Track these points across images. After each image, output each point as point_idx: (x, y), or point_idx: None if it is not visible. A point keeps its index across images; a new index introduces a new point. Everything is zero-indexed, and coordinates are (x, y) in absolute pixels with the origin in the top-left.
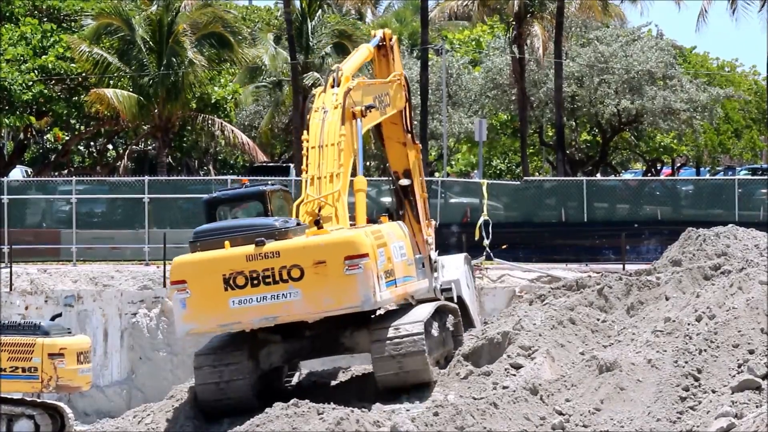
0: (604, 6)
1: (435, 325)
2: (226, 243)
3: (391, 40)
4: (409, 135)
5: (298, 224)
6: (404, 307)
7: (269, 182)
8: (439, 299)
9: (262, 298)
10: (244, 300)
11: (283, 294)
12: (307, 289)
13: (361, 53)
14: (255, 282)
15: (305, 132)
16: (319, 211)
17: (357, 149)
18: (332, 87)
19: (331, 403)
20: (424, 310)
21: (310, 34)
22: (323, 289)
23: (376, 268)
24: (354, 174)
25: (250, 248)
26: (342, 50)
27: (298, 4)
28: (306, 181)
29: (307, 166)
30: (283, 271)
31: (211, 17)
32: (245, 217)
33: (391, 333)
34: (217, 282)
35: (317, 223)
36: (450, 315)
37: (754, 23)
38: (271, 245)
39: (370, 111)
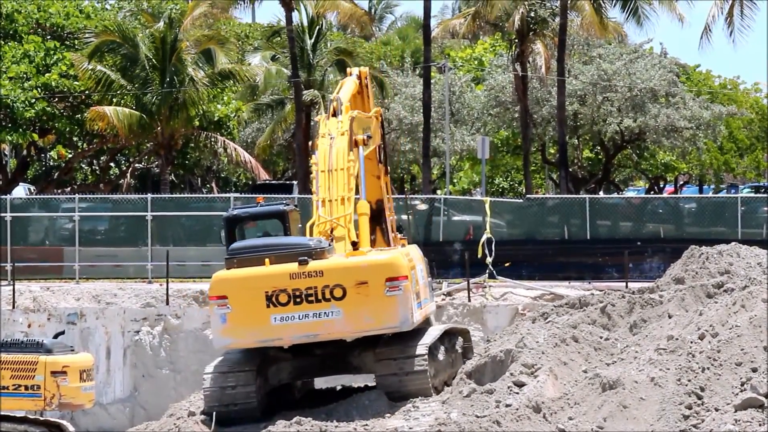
0: (601, 21)
1: (442, 348)
2: (266, 260)
3: (366, 78)
4: (383, 167)
5: (329, 244)
6: (418, 329)
7: (285, 201)
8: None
9: (304, 316)
10: (286, 317)
11: (325, 312)
12: (348, 309)
13: (351, 84)
14: (297, 300)
15: (313, 156)
16: (332, 231)
17: (360, 175)
18: (333, 115)
19: (334, 420)
20: (432, 334)
21: (311, 51)
22: (364, 309)
23: (413, 289)
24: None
25: (293, 266)
26: (343, 68)
27: (296, 19)
28: (317, 203)
29: (317, 189)
30: (326, 290)
31: (210, 36)
32: (257, 235)
33: (396, 354)
34: (259, 298)
35: (354, 245)
36: (459, 337)
37: (756, 41)
38: (314, 264)
39: (368, 140)
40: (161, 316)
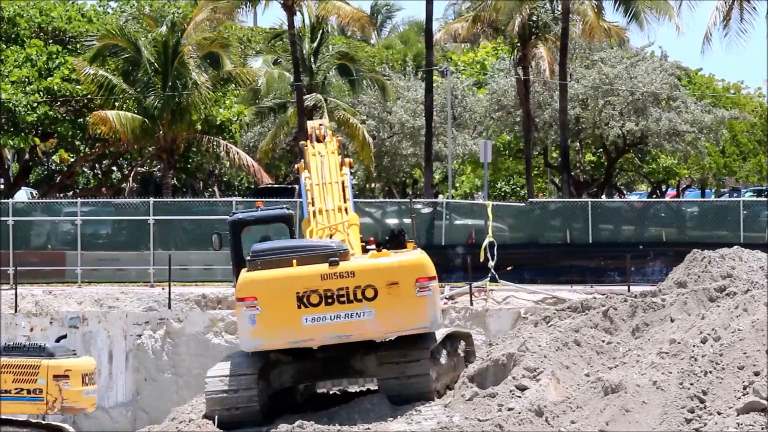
0: (602, 25)
1: (444, 352)
2: (294, 262)
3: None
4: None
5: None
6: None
7: (285, 206)
8: None
9: (335, 317)
10: (317, 318)
11: (356, 313)
12: (380, 309)
13: (324, 121)
14: (329, 300)
15: (305, 171)
16: (330, 237)
17: (349, 192)
18: (318, 141)
19: (336, 424)
20: (434, 337)
21: (312, 55)
22: (395, 310)
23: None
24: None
25: (324, 267)
26: (345, 72)
27: (298, 23)
28: (313, 213)
29: (312, 200)
30: (357, 290)
31: (212, 39)
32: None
33: (398, 357)
34: (290, 299)
35: (378, 246)
36: (462, 341)
37: (759, 45)
38: (345, 265)
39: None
40: (163, 320)
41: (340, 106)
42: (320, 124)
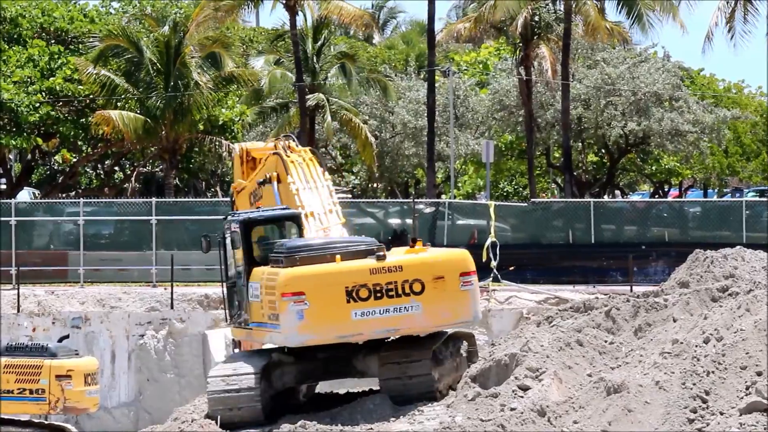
0: (600, 24)
1: (446, 352)
2: (337, 257)
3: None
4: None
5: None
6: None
7: (284, 206)
8: None
9: (384, 311)
10: (366, 312)
11: (405, 307)
12: (427, 303)
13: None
14: (378, 295)
15: (288, 176)
16: None
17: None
18: (290, 150)
19: (338, 424)
20: (437, 338)
21: (315, 55)
22: (441, 304)
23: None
24: None
25: (372, 262)
26: (346, 72)
27: (300, 23)
28: (305, 216)
29: (302, 204)
30: (405, 284)
31: (215, 39)
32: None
33: (400, 358)
34: (339, 294)
35: (414, 241)
36: (464, 341)
37: (761, 45)
38: (393, 260)
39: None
40: (166, 320)
41: (343, 106)
42: (285, 136)
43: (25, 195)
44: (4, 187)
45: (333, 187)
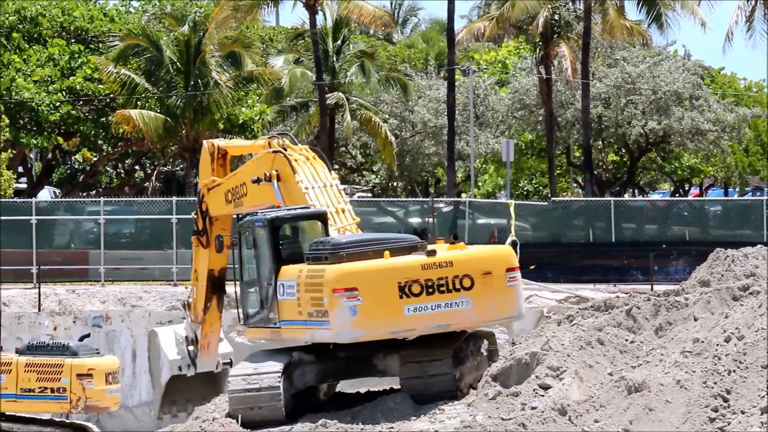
0: (618, 22)
1: (467, 351)
2: (386, 253)
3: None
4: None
5: None
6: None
7: (304, 206)
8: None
9: (436, 306)
10: (419, 307)
11: (455, 302)
12: (476, 299)
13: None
14: (430, 290)
15: (296, 175)
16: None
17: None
18: (284, 148)
19: (359, 423)
20: (457, 337)
21: (334, 54)
22: (489, 299)
23: None
24: None
25: (422, 257)
26: (365, 70)
27: (320, 22)
28: None
29: (313, 204)
30: (455, 280)
31: (234, 39)
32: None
33: (421, 357)
34: (392, 290)
35: (456, 238)
36: (485, 340)
37: None
38: (443, 255)
39: None
40: (186, 318)
41: (362, 105)
42: (279, 134)
43: (45, 194)
44: (24, 186)
45: (342, 186)
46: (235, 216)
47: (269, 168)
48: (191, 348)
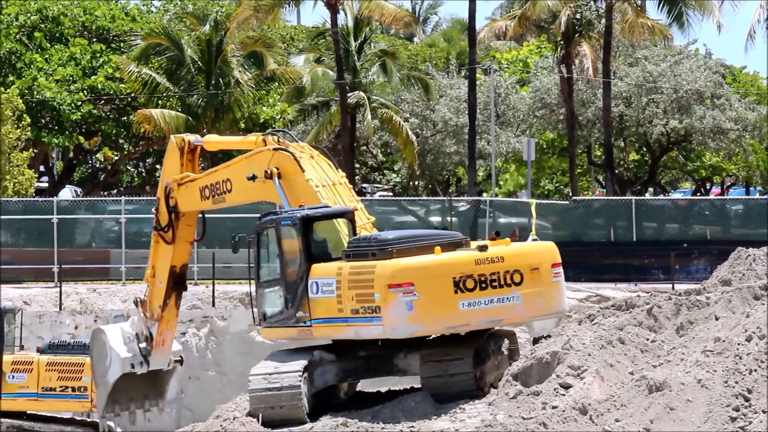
0: (637, 21)
1: (488, 350)
2: (437, 249)
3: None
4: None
5: None
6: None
7: (324, 205)
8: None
9: (489, 301)
10: (473, 302)
11: (507, 297)
12: (525, 294)
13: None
14: (483, 285)
15: (305, 173)
16: None
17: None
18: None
19: (380, 422)
20: (477, 336)
21: (356, 53)
22: (537, 294)
23: None
24: None
25: (476, 252)
26: (386, 69)
27: (341, 21)
28: None
29: (323, 202)
30: (507, 275)
31: (256, 38)
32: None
33: (442, 356)
34: (447, 285)
35: (497, 234)
36: (505, 339)
37: None
38: (495, 250)
39: None
40: (207, 318)
41: (383, 104)
42: (274, 131)
43: (67, 193)
44: (46, 185)
45: (350, 185)
46: (257, 215)
47: (268, 165)
48: (143, 345)
